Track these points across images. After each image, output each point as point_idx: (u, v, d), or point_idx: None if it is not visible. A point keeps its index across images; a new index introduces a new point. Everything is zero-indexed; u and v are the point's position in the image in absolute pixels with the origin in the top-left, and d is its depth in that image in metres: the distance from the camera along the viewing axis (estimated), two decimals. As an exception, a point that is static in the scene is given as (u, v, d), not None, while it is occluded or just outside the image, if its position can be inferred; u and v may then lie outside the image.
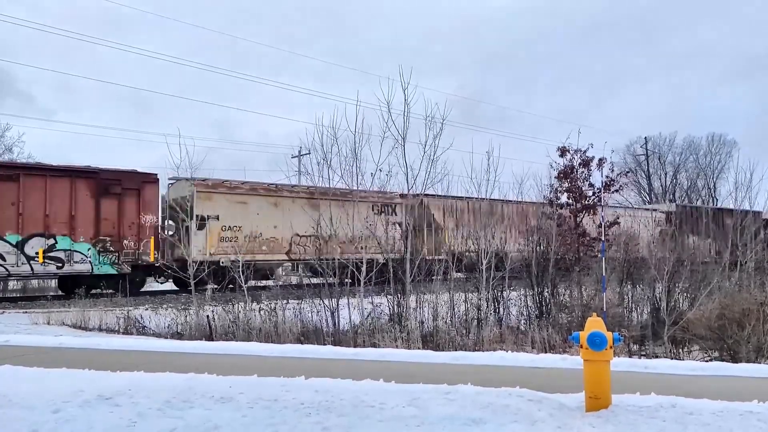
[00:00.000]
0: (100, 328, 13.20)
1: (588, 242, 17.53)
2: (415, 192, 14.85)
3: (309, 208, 20.87)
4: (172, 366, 6.80)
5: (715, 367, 7.55)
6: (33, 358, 7.59)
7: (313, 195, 21.60)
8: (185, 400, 5.08)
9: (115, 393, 5.24)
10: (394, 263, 12.76)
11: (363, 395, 5.18)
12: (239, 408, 4.90)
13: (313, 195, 21.69)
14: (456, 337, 11.30)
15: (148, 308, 15.43)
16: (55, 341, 9.44)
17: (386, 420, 4.62)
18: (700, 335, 11.26)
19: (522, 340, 11.47)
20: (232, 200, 21.18)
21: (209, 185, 20.66)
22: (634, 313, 13.30)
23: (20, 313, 15.16)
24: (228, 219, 20.93)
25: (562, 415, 4.67)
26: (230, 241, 20.78)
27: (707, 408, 4.81)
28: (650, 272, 12.78)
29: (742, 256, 15.51)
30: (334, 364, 7.40)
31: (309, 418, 4.64)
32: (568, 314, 12.93)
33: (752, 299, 11.37)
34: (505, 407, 4.81)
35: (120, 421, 4.61)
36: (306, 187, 22.92)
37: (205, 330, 12.13)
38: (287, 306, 12.73)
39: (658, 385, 5.78)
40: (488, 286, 12.83)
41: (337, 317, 12.09)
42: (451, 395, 5.18)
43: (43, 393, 5.25)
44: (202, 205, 20.41)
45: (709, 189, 54.55)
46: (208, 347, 9.07)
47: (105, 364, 6.94)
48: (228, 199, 21.09)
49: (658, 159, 57.75)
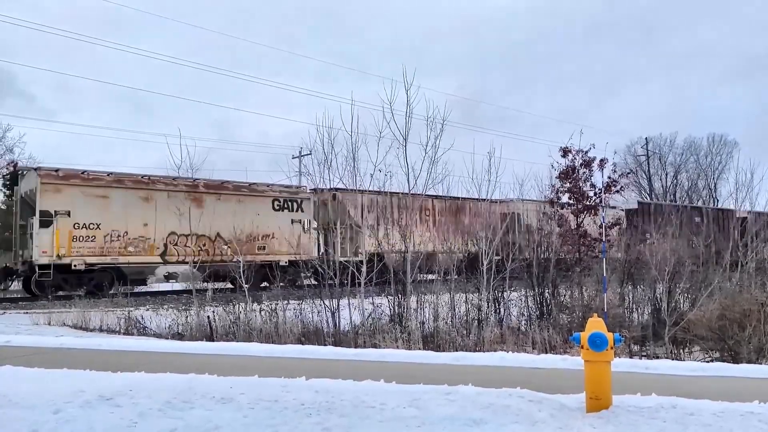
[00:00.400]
0: (101, 328, 13.21)
1: (589, 243, 17.52)
2: (324, 186, 14.35)
3: (190, 203, 19.44)
4: (173, 366, 6.81)
5: (716, 368, 7.55)
6: (34, 358, 7.59)
7: (196, 188, 20.43)
8: (186, 400, 5.08)
9: (116, 393, 5.25)
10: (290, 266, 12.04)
11: (363, 396, 5.19)
12: (240, 408, 4.90)
13: (197, 188, 20.44)
14: (457, 337, 11.30)
15: (149, 309, 15.45)
16: (55, 342, 9.45)
17: (387, 420, 4.62)
18: (701, 336, 11.26)
19: (523, 340, 11.47)
20: (88, 194, 18.56)
21: (58, 176, 18.33)
22: (635, 314, 13.28)
23: (21, 314, 15.17)
24: (82, 215, 18.31)
25: (562, 416, 4.67)
26: (86, 240, 18.36)
27: (708, 409, 4.81)
28: (651, 273, 12.77)
29: (719, 255, 15.16)
30: (334, 364, 7.41)
31: (310, 419, 4.64)
32: (568, 315, 12.93)
33: (753, 300, 11.36)
34: (505, 408, 4.81)
35: (121, 421, 4.61)
36: (188, 180, 21.09)
37: (206, 330, 12.14)
38: (288, 306, 12.73)
39: (658, 385, 5.78)
40: (489, 287, 12.83)
41: (337, 318, 12.10)
42: (452, 396, 5.18)
43: (44, 393, 5.25)
44: (49, 198, 17.93)
45: (709, 189, 54.54)
46: (209, 348, 9.08)
47: (106, 364, 6.95)
48: (83, 192, 18.48)
49: (658, 159, 57.79)
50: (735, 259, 15.23)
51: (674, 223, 14.89)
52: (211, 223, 19.56)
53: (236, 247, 16.26)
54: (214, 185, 21.24)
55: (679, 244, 14.30)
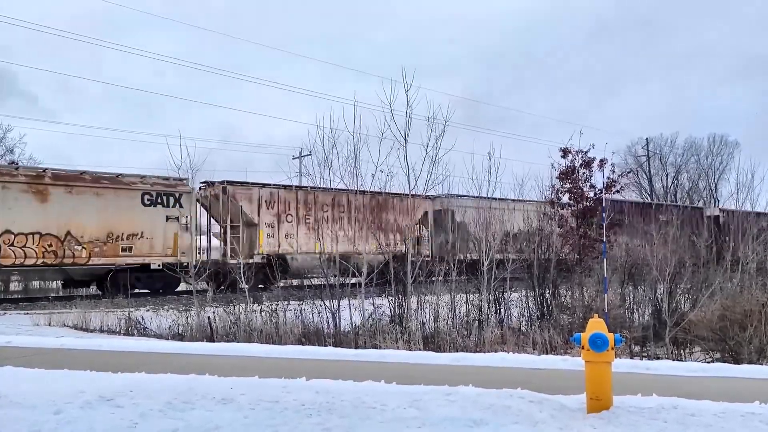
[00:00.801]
0: (101, 329, 13.21)
1: (589, 243, 17.50)
2: (216, 180, 13.11)
3: (32, 196, 17.01)
4: (174, 367, 6.81)
5: (717, 369, 7.54)
6: (34, 359, 7.60)
7: (40, 179, 17.55)
8: (186, 401, 5.08)
9: (117, 394, 5.25)
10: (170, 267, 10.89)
11: (364, 396, 5.19)
12: (240, 409, 4.91)
13: (40, 179, 17.56)
14: (457, 338, 11.29)
15: (149, 309, 15.45)
16: (56, 342, 9.46)
17: (387, 421, 4.62)
18: (702, 336, 11.24)
19: (523, 341, 11.46)
20: None
21: None
22: (636, 315, 13.26)
23: (21, 315, 15.18)
24: None
25: (563, 417, 4.66)
26: None
27: (709, 409, 4.80)
28: (652, 273, 12.76)
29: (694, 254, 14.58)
30: (335, 365, 7.41)
31: (310, 419, 4.64)
32: (569, 315, 12.92)
33: (754, 300, 11.35)
34: (506, 408, 4.80)
35: (121, 422, 4.61)
36: (31, 169, 18.72)
37: (206, 331, 12.14)
38: (288, 307, 12.73)
39: (659, 386, 5.78)
40: (489, 288, 12.82)
41: (338, 318, 12.09)
42: (452, 396, 5.18)
43: (45, 394, 5.25)
44: None
45: (710, 190, 54.51)
46: (209, 348, 9.08)
47: (106, 365, 6.95)
48: None
49: (659, 160, 57.76)
50: (707, 259, 14.87)
51: (628, 222, 14.25)
52: (58, 220, 17.32)
53: (92, 248, 14.63)
54: (65, 176, 18.38)
55: (638, 243, 13.96)
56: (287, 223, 21.78)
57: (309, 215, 22.26)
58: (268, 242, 21.09)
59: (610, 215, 17.18)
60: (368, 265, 12.52)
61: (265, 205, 21.43)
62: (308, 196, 22.33)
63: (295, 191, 22.21)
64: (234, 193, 20.82)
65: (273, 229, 21.37)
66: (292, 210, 22.14)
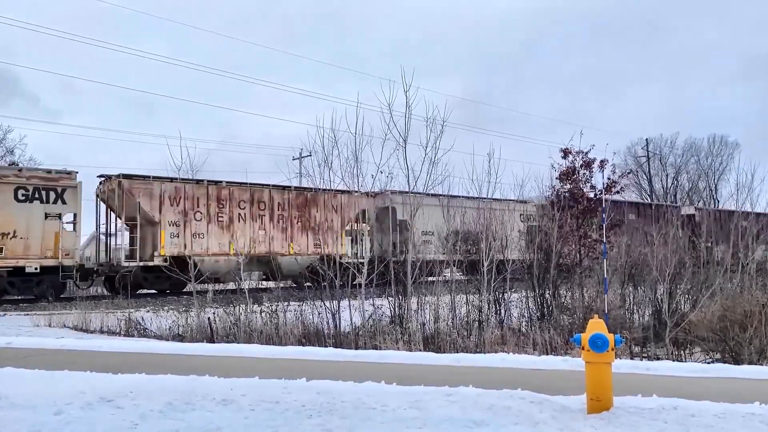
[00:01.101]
0: (101, 330, 13.21)
1: (589, 243, 17.51)
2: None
3: None
4: (174, 368, 6.81)
5: (717, 369, 7.55)
6: (35, 360, 7.60)
7: None
8: (187, 402, 5.08)
9: (117, 395, 5.25)
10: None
11: (364, 397, 5.19)
12: (241, 410, 4.91)
13: None
14: (457, 338, 11.28)
15: (149, 310, 15.45)
16: (56, 343, 9.46)
17: (387, 422, 4.62)
18: (702, 337, 11.24)
19: (523, 341, 11.46)
20: None
21: None
22: (636, 315, 13.26)
23: (22, 316, 15.19)
24: None
25: (563, 417, 4.66)
26: None
27: (709, 410, 4.80)
28: (652, 274, 12.76)
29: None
30: (335, 365, 7.41)
31: (310, 420, 4.64)
32: (569, 316, 12.91)
33: (754, 301, 11.34)
34: (506, 409, 4.80)
35: (122, 423, 4.61)
36: None
37: (206, 332, 12.13)
38: (288, 308, 12.73)
39: (659, 386, 5.78)
40: (490, 288, 12.82)
41: (338, 319, 12.08)
42: (453, 397, 5.18)
43: (45, 395, 5.25)
44: None
45: (710, 191, 54.52)
46: (210, 349, 9.08)
47: (106, 366, 6.96)
48: None
49: (659, 161, 57.78)
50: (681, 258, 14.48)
51: (589, 220, 13.63)
52: None
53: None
54: None
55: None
56: (196, 222, 19.63)
57: (222, 213, 20.14)
58: (172, 242, 18.96)
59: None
60: (287, 269, 11.60)
61: (168, 201, 19.21)
62: (222, 191, 20.34)
63: (206, 186, 20.10)
64: (131, 188, 18.84)
65: (178, 228, 19.23)
66: (202, 207, 19.85)
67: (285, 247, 19.51)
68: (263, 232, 20.06)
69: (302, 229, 21.12)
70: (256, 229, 20.04)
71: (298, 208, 21.33)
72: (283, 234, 20.78)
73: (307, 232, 21.05)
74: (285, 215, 21.09)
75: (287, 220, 21.06)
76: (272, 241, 19.94)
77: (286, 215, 21.10)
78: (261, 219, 20.69)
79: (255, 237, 18.64)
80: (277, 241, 20.48)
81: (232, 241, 18.68)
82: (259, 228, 20.37)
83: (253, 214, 20.61)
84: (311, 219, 21.30)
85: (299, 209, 21.34)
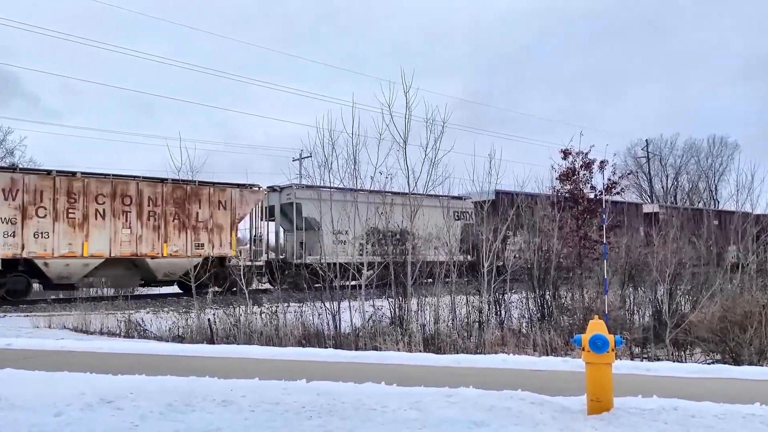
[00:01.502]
0: (101, 331, 13.20)
1: (589, 244, 17.51)
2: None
3: None
4: (174, 369, 6.81)
5: (717, 370, 7.55)
6: (35, 361, 7.59)
7: None
8: (187, 403, 5.08)
9: (117, 396, 5.25)
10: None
11: (364, 398, 5.19)
12: (241, 411, 4.90)
13: None
14: (458, 339, 11.27)
15: (149, 311, 15.44)
16: (56, 344, 9.46)
17: (388, 423, 4.62)
18: (702, 338, 11.24)
19: (524, 342, 11.45)
20: None
21: None
22: (636, 316, 13.25)
23: (21, 317, 15.18)
24: None
25: (564, 418, 4.66)
26: None
27: (709, 411, 4.80)
28: (652, 275, 12.76)
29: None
30: (335, 366, 7.41)
31: (311, 421, 4.64)
32: (569, 317, 12.90)
33: (754, 301, 11.34)
34: (506, 410, 4.80)
35: (122, 424, 4.61)
36: None
37: (206, 333, 12.12)
38: (288, 309, 12.72)
39: (660, 387, 5.78)
40: (490, 289, 12.81)
41: (338, 320, 12.08)
42: (453, 398, 5.18)
43: (45, 396, 5.25)
44: None
45: (710, 191, 54.55)
46: (210, 350, 9.08)
47: (106, 367, 6.95)
48: None
49: (659, 161, 57.83)
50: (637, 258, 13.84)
51: (532, 218, 12.84)
52: None
53: None
54: None
55: (551, 242, 13.03)
56: (39, 219, 17.23)
57: (74, 209, 17.64)
58: (5, 243, 16.65)
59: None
60: (162, 273, 10.17)
61: (2, 195, 16.90)
62: (73, 184, 17.80)
63: (53, 178, 17.64)
64: None
65: (14, 226, 16.85)
66: (47, 202, 17.32)
67: (158, 248, 17.20)
68: (129, 230, 17.77)
69: (180, 228, 18.53)
70: (119, 228, 17.74)
71: (176, 204, 18.78)
72: (155, 233, 18.33)
73: (187, 230, 18.53)
74: (158, 212, 18.52)
75: (161, 217, 18.48)
76: (140, 241, 17.61)
77: (160, 212, 18.54)
78: (126, 216, 18.25)
79: (118, 236, 16.47)
80: (147, 242, 18.10)
81: (87, 242, 16.70)
82: (124, 226, 18.00)
83: (116, 211, 18.15)
84: (192, 216, 18.70)
85: (177, 205, 18.78)
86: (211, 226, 19.11)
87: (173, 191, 18.91)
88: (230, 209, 19.32)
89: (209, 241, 19.02)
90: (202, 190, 19.05)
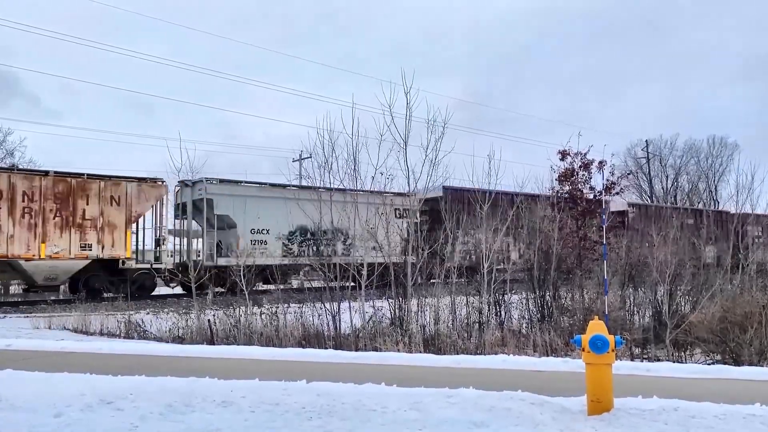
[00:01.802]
0: (101, 332, 13.20)
1: (589, 245, 17.51)
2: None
3: None
4: (174, 370, 6.81)
5: (718, 370, 7.54)
6: (35, 361, 7.59)
7: None
8: (187, 404, 5.08)
9: (117, 397, 5.25)
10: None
11: (365, 399, 5.18)
12: (241, 411, 4.90)
13: None
14: (458, 340, 11.27)
15: (149, 312, 15.44)
16: (56, 345, 9.46)
17: (388, 423, 4.62)
18: (702, 338, 11.23)
19: (524, 343, 11.44)
20: None
21: None
22: (636, 316, 13.25)
23: (21, 318, 15.17)
24: None
25: (564, 419, 4.66)
26: None
27: (710, 411, 4.80)
28: (652, 275, 12.75)
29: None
30: (335, 367, 7.41)
31: (311, 422, 4.63)
32: (569, 317, 12.90)
33: (754, 302, 11.34)
34: (507, 410, 4.80)
35: (122, 425, 4.61)
36: None
37: (206, 334, 12.11)
38: (288, 309, 12.72)
39: (660, 388, 5.77)
40: (490, 290, 12.81)
41: (338, 321, 12.07)
42: (453, 399, 5.17)
43: (45, 397, 5.25)
44: None
45: (710, 192, 54.55)
46: (210, 351, 9.08)
47: (106, 367, 6.95)
48: None
49: (659, 162, 57.82)
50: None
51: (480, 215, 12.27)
52: None
53: None
54: None
55: (501, 241, 12.53)
56: None
57: None
58: None
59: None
60: (40, 276, 9.02)
61: None
62: None
63: None
64: None
65: None
66: None
67: (34, 249, 15.33)
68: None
69: (63, 226, 16.68)
70: None
71: (57, 199, 16.87)
72: (31, 232, 16.52)
73: (71, 229, 16.76)
74: (35, 208, 16.61)
75: (38, 214, 16.62)
76: (12, 240, 15.92)
77: (37, 208, 16.63)
78: None
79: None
80: (20, 241, 16.32)
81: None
82: None
83: None
84: (78, 213, 16.89)
85: (58, 200, 16.88)
86: (102, 225, 17.21)
87: (54, 185, 17.00)
88: (125, 205, 17.44)
89: (99, 242, 17.20)
90: (91, 184, 17.24)
